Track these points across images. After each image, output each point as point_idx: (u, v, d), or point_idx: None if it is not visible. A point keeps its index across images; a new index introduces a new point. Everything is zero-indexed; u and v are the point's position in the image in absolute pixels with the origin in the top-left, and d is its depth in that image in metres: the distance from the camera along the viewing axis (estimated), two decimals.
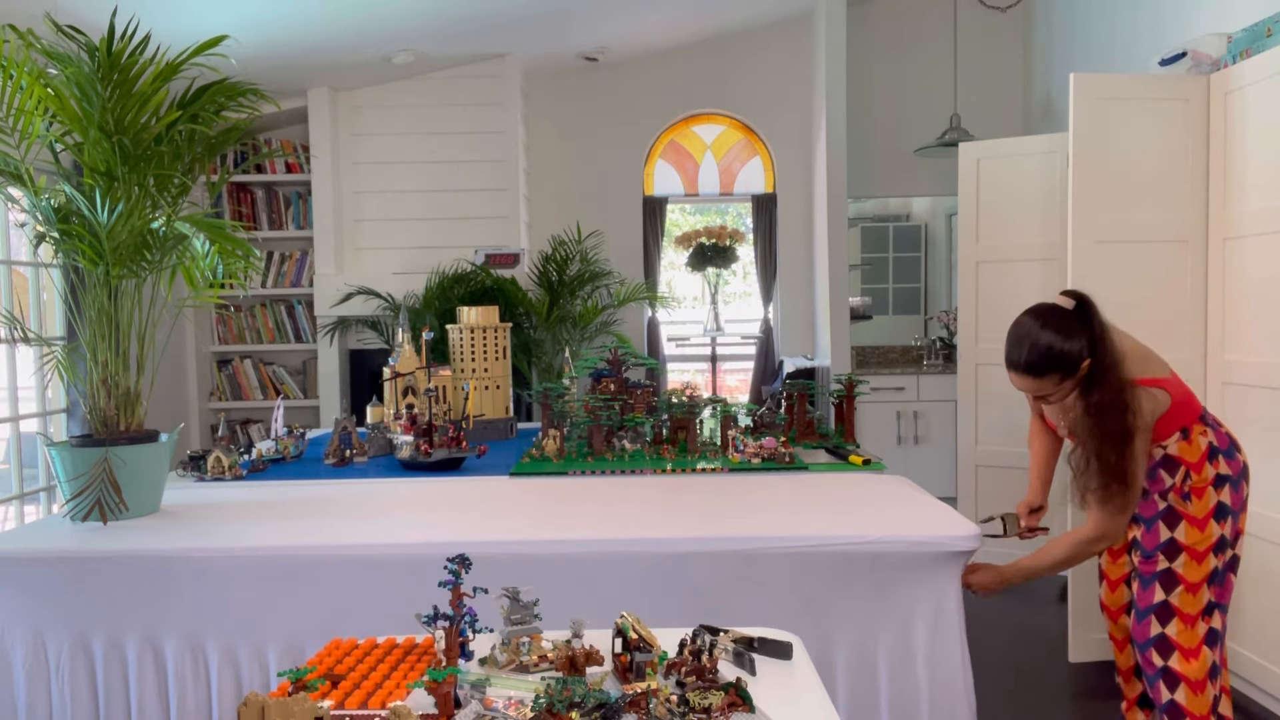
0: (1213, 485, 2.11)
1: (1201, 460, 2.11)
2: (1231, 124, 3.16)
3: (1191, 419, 2.13)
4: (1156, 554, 2.15)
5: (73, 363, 2.37)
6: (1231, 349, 3.18)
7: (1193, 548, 2.11)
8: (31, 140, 2.23)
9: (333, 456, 2.98)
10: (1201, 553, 2.11)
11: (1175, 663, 2.09)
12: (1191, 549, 2.11)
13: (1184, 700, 2.08)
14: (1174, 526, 2.13)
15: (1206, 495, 2.10)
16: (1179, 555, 2.12)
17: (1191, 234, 3.30)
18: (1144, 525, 2.19)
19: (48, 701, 2.02)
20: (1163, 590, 2.12)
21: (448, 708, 1.23)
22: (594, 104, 6.03)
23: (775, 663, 1.47)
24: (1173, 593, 2.12)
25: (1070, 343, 2.02)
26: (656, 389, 3.17)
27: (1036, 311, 2.09)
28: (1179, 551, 2.12)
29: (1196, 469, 2.11)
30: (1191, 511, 2.11)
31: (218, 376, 5.62)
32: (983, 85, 5.73)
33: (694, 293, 6.65)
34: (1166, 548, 2.13)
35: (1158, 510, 2.15)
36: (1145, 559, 2.17)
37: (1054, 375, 2.04)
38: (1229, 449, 2.15)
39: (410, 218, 5.53)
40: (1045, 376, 2.04)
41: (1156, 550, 2.15)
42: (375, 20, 4.43)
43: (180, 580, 2.00)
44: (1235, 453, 2.16)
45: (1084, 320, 2.04)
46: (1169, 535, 2.13)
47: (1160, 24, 4.02)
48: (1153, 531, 2.16)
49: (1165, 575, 2.13)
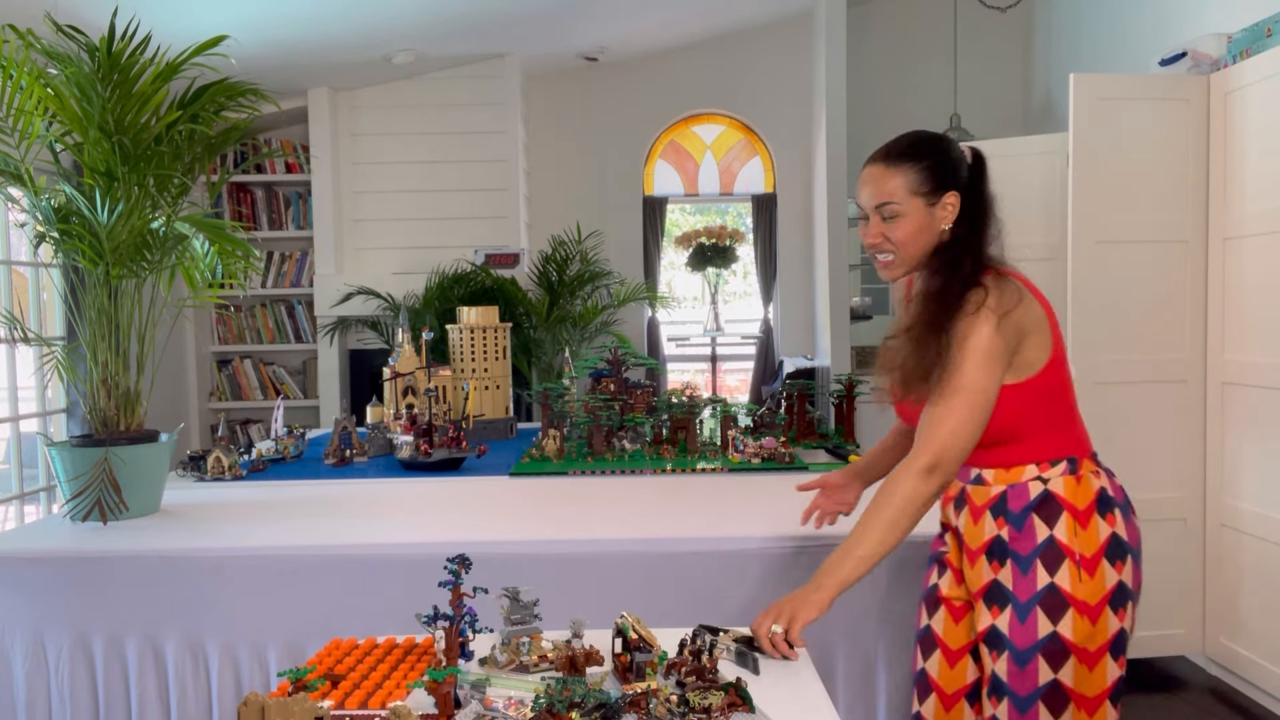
0: (1105, 554, 1.51)
1: (1090, 510, 1.53)
2: (1231, 124, 3.16)
3: (1082, 446, 1.60)
4: (1034, 658, 1.50)
5: (73, 363, 2.37)
6: (1231, 349, 3.18)
7: (1083, 648, 1.49)
8: (31, 140, 2.23)
9: (333, 456, 2.98)
10: (1094, 654, 1.50)
11: None
12: (1081, 649, 1.49)
13: None
14: (1058, 616, 1.49)
15: (1101, 569, 1.50)
16: (1066, 660, 1.49)
17: (1191, 234, 3.30)
18: (1014, 609, 1.52)
19: (47, 702, 2.02)
20: (1048, 713, 1.51)
21: (448, 708, 1.23)
22: (594, 104, 6.03)
23: (775, 662, 1.47)
24: (1063, 716, 1.51)
25: (950, 153, 1.59)
26: (656, 389, 3.17)
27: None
28: (1065, 655, 1.49)
29: (1083, 520, 1.52)
30: (1081, 594, 1.49)
31: (218, 376, 5.62)
32: (983, 85, 5.73)
33: (694, 293, 6.65)
34: (1048, 648, 1.49)
35: (1035, 589, 1.51)
36: (1017, 664, 1.51)
37: (909, 170, 1.56)
38: (1125, 506, 1.58)
39: (410, 218, 5.52)
40: (898, 167, 1.57)
41: (1033, 651, 1.50)
42: (375, 20, 4.43)
43: (180, 580, 2.00)
44: (1133, 516, 1.59)
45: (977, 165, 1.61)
46: (1050, 629, 1.49)
47: (1160, 24, 4.02)
48: (1028, 623, 1.51)
49: (1050, 693, 1.50)
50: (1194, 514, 3.31)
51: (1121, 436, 3.26)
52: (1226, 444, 3.20)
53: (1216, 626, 3.24)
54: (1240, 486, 3.13)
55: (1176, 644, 3.32)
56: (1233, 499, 3.16)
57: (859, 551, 1.52)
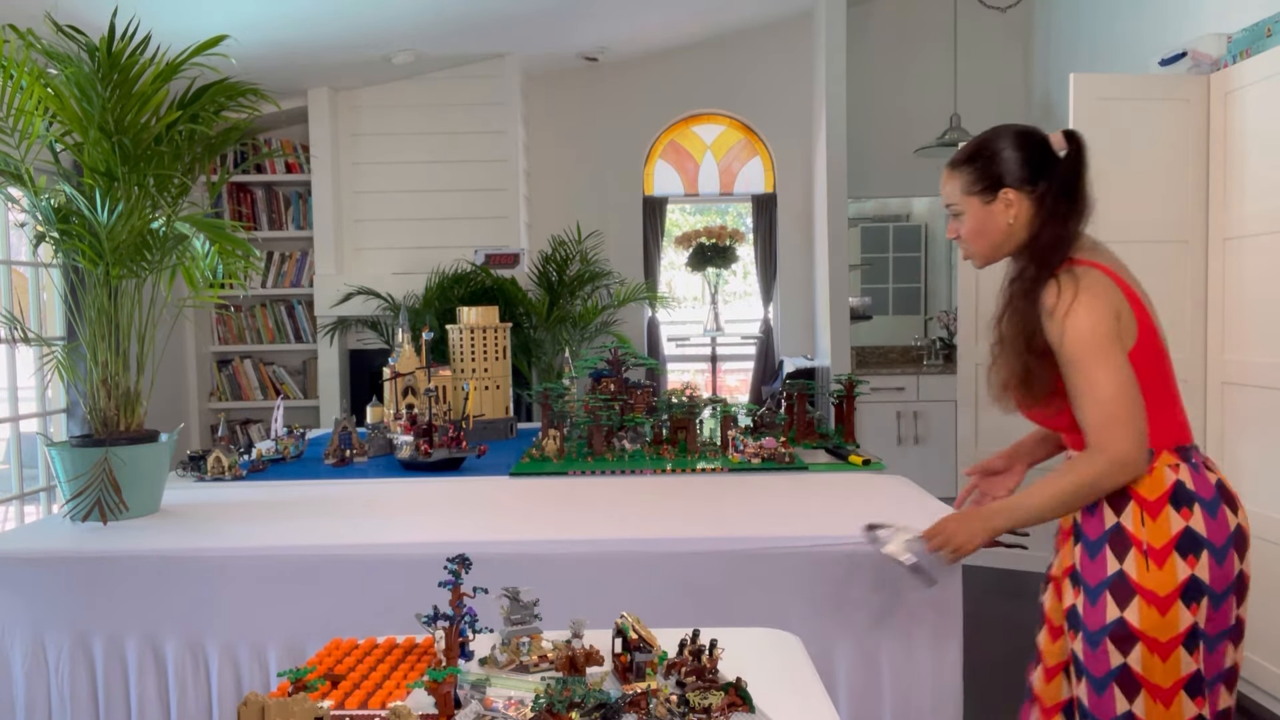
0: (1176, 546, 1.50)
1: (1161, 502, 1.52)
2: (1231, 124, 3.16)
3: (1164, 437, 1.57)
4: (1103, 641, 1.53)
5: (73, 363, 2.37)
6: (1231, 349, 3.18)
7: (1152, 637, 1.50)
8: (31, 140, 2.23)
9: (333, 456, 2.98)
10: (1165, 645, 1.50)
11: None
12: (1150, 638, 1.50)
13: None
14: (1125, 602, 1.52)
15: (1171, 561, 1.50)
16: (1133, 646, 1.51)
17: (1191, 234, 3.30)
18: (1084, 592, 1.58)
19: (47, 702, 2.02)
20: (1124, 698, 1.52)
21: (448, 708, 1.23)
22: (594, 104, 6.03)
23: (776, 662, 1.47)
24: (1135, 701, 1.51)
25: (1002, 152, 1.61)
26: (656, 389, 3.17)
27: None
28: (1133, 641, 1.51)
29: (1153, 511, 1.52)
30: (1149, 584, 1.50)
31: (218, 376, 5.62)
32: (983, 85, 5.73)
33: (694, 293, 6.65)
34: (1115, 633, 1.52)
35: (1104, 575, 1.54)
36: (1090, 646, 1.56)
37: (963, 172, 1.64)
38: (1213, 501, 1.54)
39: (410, 218, 5.53)
40: (956, 170, 1.66)
41: (1102, 635, 1.53)
42: (375, 20, 4.43)
43: (180, 580, 2.00)
44: (1223, 510, 1.55)
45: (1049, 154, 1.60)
46: (1118, 614, 1.52)
47: (1160, 24, 4.02)
48: (1097, 606, 1.55)
49: (1123, 677, 1.52)
50: None
51: None
52: (1226, 444, 3.20)
53: None
54: (1240, 487, 3.13)
55: None
56: None
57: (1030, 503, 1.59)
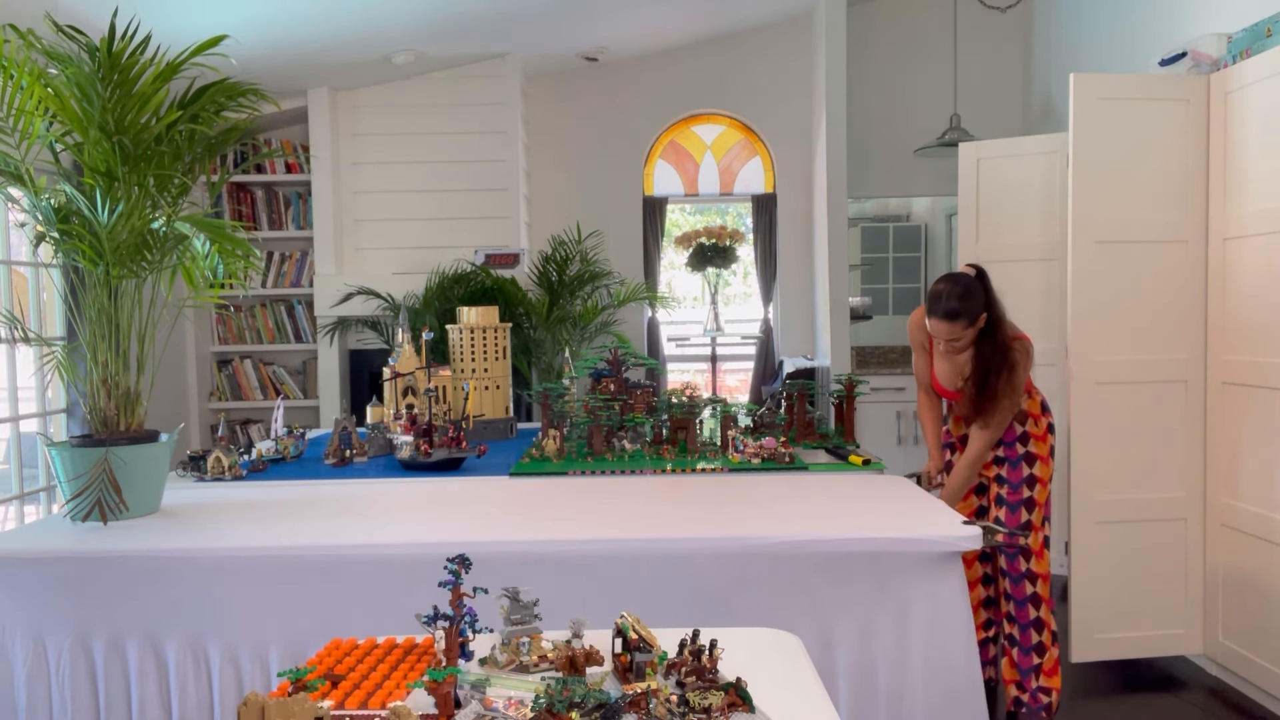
0: (1048, 430, 2.90)
1: (1039, 412, 2.89)
2: (1231, 124, 3.16)
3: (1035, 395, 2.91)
4: (1020, 465, 2.88)
5: (73, 363, 2.37)
6: (1231, 349, 3.18)
7: (1042, 463, 2.88)
8: (32, 140, 2.23)
9: (333, 456, 2.98)
10: (1045, 478, 2.89)
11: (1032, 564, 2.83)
12: (1042, 457, 2.89)
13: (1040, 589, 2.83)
14: (1032, 464, 2.88)
15: (1047, 440, 2.88)
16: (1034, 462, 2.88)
17: (1191, 234, 3.30)
18: (1008, 465, 2.89)
19: (48, 702, 2.02)
20: (1026, 488, 2.86)
21: (448, 708, 1.23)
22: (594, 104, 6.03)
23: (775, 663, 1.47)
24: (1034, 488, 2.86)
25: (973, 301, 2.71)
26: (656, 389, 3.17)
27: (950, 278, 2.74)
28: (1033, 459, 2.88)
29: (1036, 419, 2.87)
30: (1038, 451, 2.87)
31: (218, 376, 5.62)
32: (983, 85, 5.73)
33: (694, 293, 6.65)
34: (1026, 454, 2.88)
35: (1018, 454, 2.88)
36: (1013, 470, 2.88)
37: (963, 321, 2.69)
38: (1045, 407, 2.92)
39: (410, 218, 5.53)
40: (956, 321, 2.68)
41: (1020, 461, 2.88)
42: (375, 20, 4.43)
43: (180, 580, 2.00)
44: (1050, 411, 2.94)
45: (981, 285, 2.74)
46: (1028, 472, 2.88)
47: (1160, 24, 4.02)
48: (1017, 468, 2.88)
49: (1029, 480, 2.87)
50: (1194, 514, 3.31)
51: (1122, 437, 3.27)
52: (1226, 444, 3.20)
53: (1216, 626, 3.24)
54: (1240, 487, 3.14)
55: (1176, 644, 3.32)
56: (1232, 499, 3.16)
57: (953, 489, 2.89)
